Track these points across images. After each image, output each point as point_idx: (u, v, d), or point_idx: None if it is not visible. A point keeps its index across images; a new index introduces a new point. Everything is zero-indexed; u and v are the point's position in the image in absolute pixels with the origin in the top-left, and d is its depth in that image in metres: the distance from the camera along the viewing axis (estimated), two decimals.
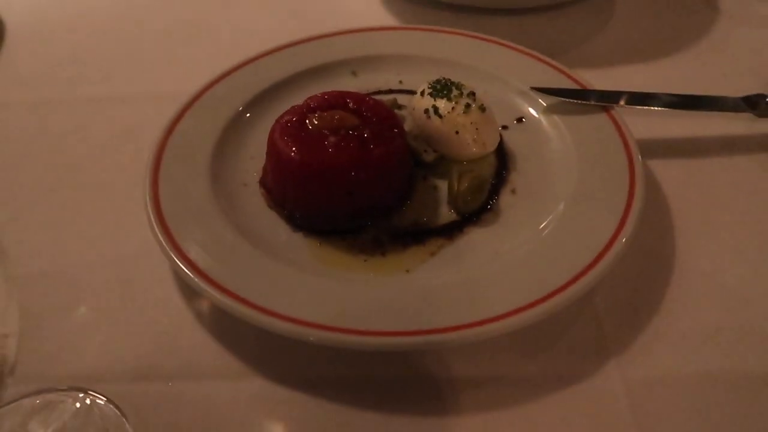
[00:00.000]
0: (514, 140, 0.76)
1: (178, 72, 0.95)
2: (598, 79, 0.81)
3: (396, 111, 0.78)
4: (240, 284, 0.58)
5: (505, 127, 0.78)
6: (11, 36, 1.05)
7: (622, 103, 0.76)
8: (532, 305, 0.55)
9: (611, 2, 1.08)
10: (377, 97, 0.80)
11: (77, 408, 0.53)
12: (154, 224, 0.63)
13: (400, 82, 0.86)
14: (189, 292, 0.64)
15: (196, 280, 0.57)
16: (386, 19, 1.06)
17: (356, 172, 0.63)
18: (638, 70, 0.93)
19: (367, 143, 0.64)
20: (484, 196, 0.68)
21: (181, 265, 0.59)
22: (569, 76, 0.81)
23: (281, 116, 0.69)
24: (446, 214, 0.68)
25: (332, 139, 0.64)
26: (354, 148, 0.64)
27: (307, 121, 0.67)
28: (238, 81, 0.82)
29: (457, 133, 0.71)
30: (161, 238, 0.61)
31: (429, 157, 0.73)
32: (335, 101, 0.70)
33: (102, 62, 0.99)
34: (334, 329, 0.54)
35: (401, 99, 0.82)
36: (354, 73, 0.87)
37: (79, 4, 1.12)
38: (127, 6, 1.12)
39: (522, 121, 0.79)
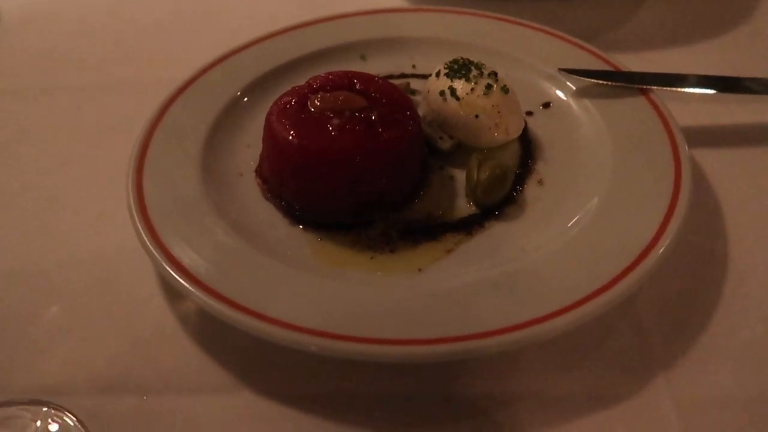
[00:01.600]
0: (540, 126, 0.70)
1: (178, 58, 0.89)
2: (631, 64, 0.74)
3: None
4: (230, 285, 0.52)
5: (529, 113, 0.71)
6: (4, 24, 1.01)
7: (660, 85, 0.69)
8: (562, 311, 0.49)
9: None
10: None
11: (37, 426, 0.46)
12: (136, 217, 0.57)
13: (414, 66, 0.80)
14: (173, 294, 0.58)
15: (180, 279, 0.52)
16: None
17: (362, 159, 0.57)
18: (675, 54, 0.87)
19: (375, 127, 0.58)
20: (507, 187, 0.62)
21: (163, 262, 0.53)
22: (601, 57, 0.74)
23: (279, 98, 0.63)
24: (464, 207, 0.62)
25: (336, 121, 0.58)
26: (360, 131, 0.57)
27: (309, 102, 0.61)
28: (237, 65, 0.77)
29: (476, 117, 0.64)
30: (143, 233, 0.56)
31: (445, 144, 0.66)
32: (340, 81, 0.63)
33: (99, 49, 0.94)
34: (337, 337, 0.48)
35: (414, 84, 0.76)
36: (363, 57, 0.81)
37: None
38: None
39: (549, 105, 0.73)
